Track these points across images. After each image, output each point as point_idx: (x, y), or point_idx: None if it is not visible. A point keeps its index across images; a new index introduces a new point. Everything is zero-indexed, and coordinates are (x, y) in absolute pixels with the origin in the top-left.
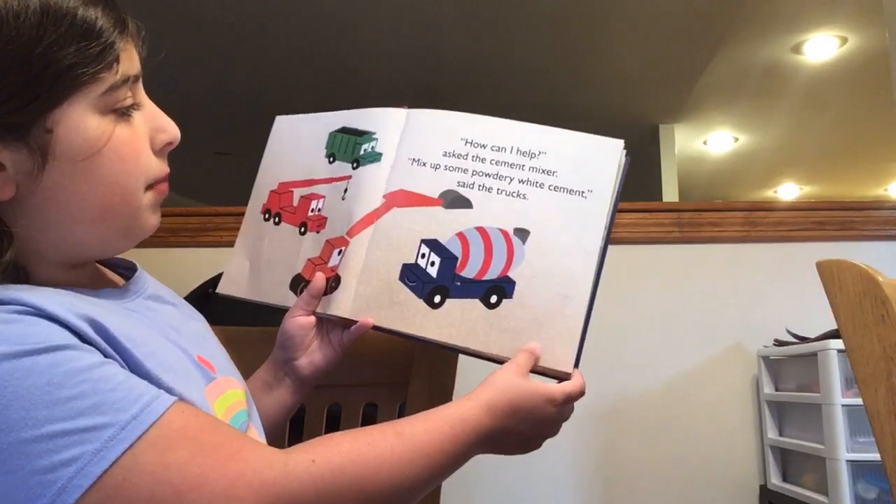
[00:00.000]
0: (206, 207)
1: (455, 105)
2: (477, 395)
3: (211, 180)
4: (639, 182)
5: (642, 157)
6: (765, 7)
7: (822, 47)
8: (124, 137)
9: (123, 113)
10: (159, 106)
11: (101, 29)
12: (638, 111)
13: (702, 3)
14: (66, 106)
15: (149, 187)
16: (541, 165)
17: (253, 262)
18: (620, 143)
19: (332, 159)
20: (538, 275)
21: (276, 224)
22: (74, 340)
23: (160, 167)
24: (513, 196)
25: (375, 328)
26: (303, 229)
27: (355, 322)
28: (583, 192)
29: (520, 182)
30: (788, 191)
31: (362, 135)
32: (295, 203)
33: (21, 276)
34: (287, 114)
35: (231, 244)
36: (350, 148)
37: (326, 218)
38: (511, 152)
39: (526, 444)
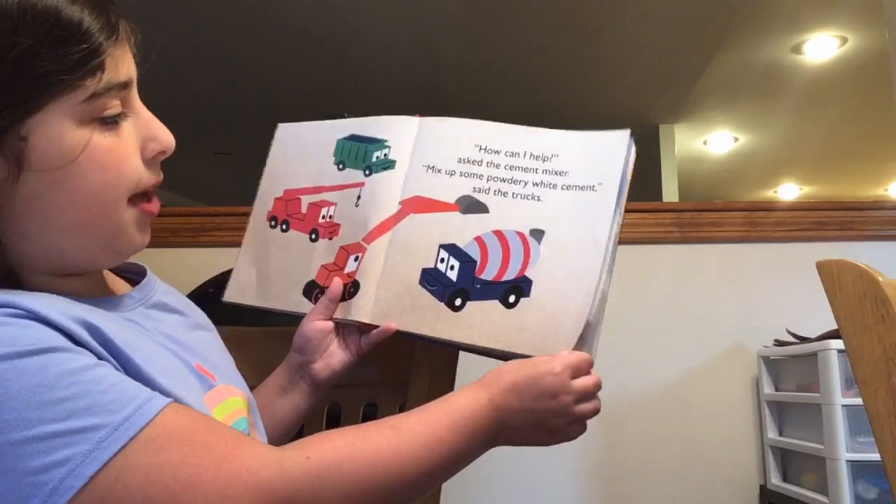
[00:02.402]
0: (206, 207)
1: (455, 104)
2: (476, 382)
3: (211, 180)
4: (639, 182)
5: (642, 157)
6: (765, 7)
7: (822, 47)
8: (107, 146)
9: (108, 121)
10: (161, 106)
11: (84, 34)
12: (638, 111)
13: (702, 4)
14: (42, 114)
15: (134, 199)
16: (553, 167)
17: (260, 270)
18: (626, 132)
19: (341, 166)
20: (554, 272)
21: (284, 231)
22: (67, 343)
23: (149, 176)
24: (527, 199)
25: (398, 332)
26: (314, 236)
27: (374, 326)
28: (593, 186)
29: (534, 185)
30: (788, 191)
31: (373, 142)
32: (303, 210)
33: (13, 283)
34: (287, 114)
35: (231, 244)
36: (361, 155)
37: (339, 224)
38: (524, 157)
39: (542, 428)
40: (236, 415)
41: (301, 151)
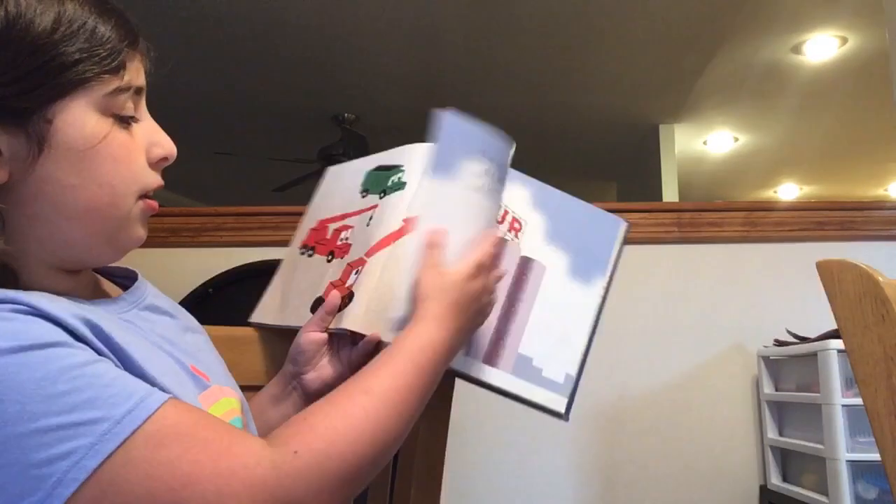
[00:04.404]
0: (206, 207)
1: (456, 105)
2: (421, 315)
3: (211, 180)
4: (639, 182)
5: (642, 157)
6: (765, 7)
7: (822, 47)
8: (121, 141)
9: (123, 120)
10: (161, 106)
11: (111, 37)
12: (638, 111)
13: (702, 4)
14: (68, 100)
15: (141, 198)
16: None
17: (284, 293)
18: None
19: (364, 194)
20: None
21: (310, 256)
22: (69, 338)
23: (154, 178)
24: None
25: (382, 343)
26: (330, 257)
27: (365, 337)
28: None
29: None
30: (788, 191)
31: (391, 169)
32: (328, 235)
33: (9, 279)
34: (287, 114)
35: (231, 244)
36: (381, 181)
37: (351, 244)
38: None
39: (479, 319)
40: (230, 415)
41: (337, 186)
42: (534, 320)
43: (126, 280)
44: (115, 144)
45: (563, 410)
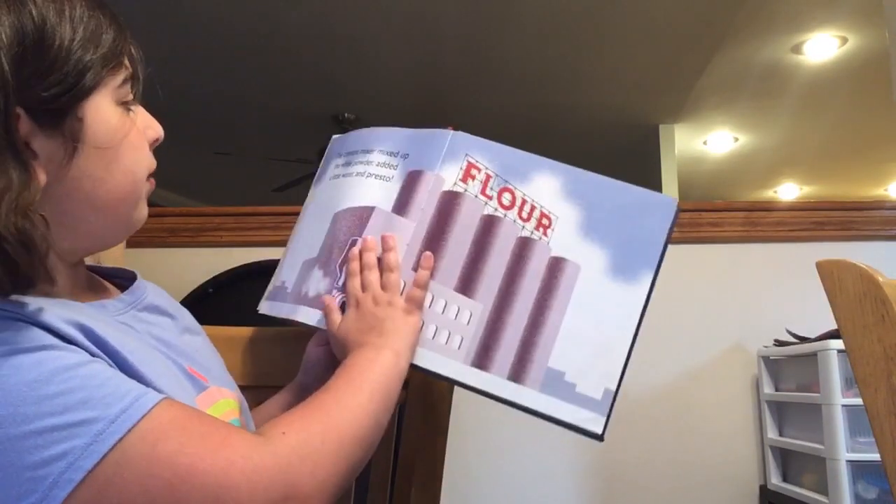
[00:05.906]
0: (206, 207)
1: (456, 104)
2: (363, 347)
3: (211, 180)
4: (639, 182)
5: (642, 157)
6: (765, 7)
7: (822, 47)
8: (136, 129)
9: (128, 108)
10: (162, 106)
11: (114, 31)
12: (638, 111)
13: (702, 4)
14: (94, 96)
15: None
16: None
17: None
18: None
19: None
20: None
21: None
22: (59, 342)
23: (153, 159)
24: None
25: None
26: None
27: None
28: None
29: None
30: (788, 191)
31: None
32: None
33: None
34: (287, 114)
35: (231, 244)
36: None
37: None
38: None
39: (390, 311)
40: (229, 416)
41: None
42: (566, 329)
43: (125, 280)
44: (133, 133)
45: (599, 431)
